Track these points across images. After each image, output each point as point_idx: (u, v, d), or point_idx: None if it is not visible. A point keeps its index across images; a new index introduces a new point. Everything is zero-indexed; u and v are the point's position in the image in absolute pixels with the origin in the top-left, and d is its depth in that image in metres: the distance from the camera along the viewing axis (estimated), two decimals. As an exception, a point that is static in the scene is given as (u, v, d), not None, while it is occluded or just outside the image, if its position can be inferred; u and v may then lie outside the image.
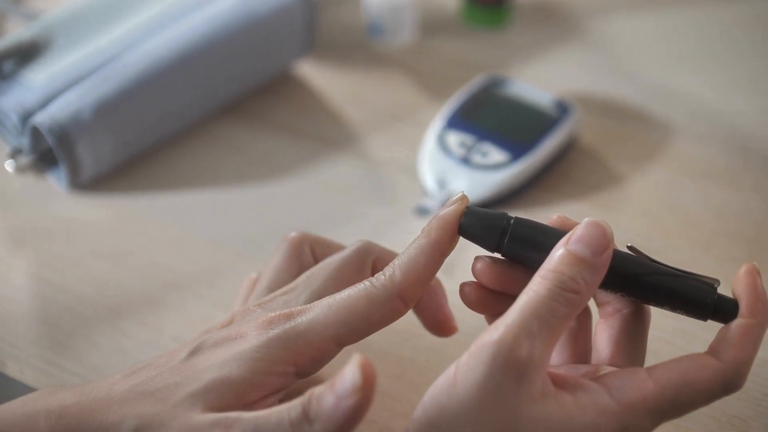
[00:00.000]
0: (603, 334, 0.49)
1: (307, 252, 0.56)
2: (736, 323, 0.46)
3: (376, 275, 0.49)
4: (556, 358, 0.50)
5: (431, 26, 0.87)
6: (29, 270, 0.66)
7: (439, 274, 0.56)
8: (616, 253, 0.47)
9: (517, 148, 0.69)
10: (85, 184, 0.72)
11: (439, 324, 0.56)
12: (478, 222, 0.48)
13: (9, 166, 0.71)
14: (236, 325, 0.50)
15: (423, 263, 0.49)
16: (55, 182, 0.72)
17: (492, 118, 0.72)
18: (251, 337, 0.48)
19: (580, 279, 0.45)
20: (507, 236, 0.48)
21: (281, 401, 0.47)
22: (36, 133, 0.70)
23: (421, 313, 0.56)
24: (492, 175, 0.68)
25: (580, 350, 0.50)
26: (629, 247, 0.49)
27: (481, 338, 0.44)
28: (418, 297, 0.49)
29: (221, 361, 0.48)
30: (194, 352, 0.50)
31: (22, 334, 0.62)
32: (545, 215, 0.62)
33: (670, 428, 0.55)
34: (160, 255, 0.67)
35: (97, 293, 0.64)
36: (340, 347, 0.49)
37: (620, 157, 0.74)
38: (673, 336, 0.61)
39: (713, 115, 0.78)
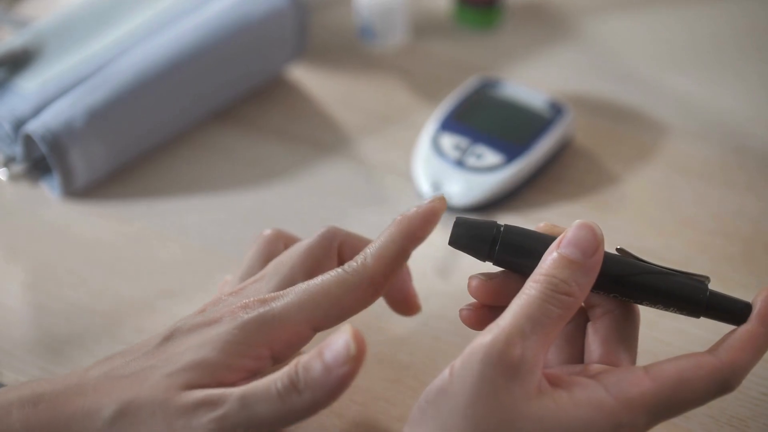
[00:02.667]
0: (594, 335, 0.49)
1: (280, 248, 0.57)
2: (743, 328, 0.47)
3: (348, 262, 0.50)
4: (552, 360, 0.50)
5: (423, 28, 0.87)
6: (24, 278, 0.66)
7: (435, 279, 0.56)
8: (607, 256, 0.48)
9: (511, 150, 0.69)
10: (78, 191, 0.72)
11: (404, 302, 0.58)
12: (468, 232, 0.48)
13: (2, 174, 0.71)
14: (210, 312, 0.50)
15: (394, 251, 0.51)
16: (48, 190, 0.72)
17: (486, 119, 0.72)
18: (226, 321, 0.49)
19: (573, 281, 0.45)
20: (498, 245, 0.48)
21: None
22: (29, 141, 0.69)
23: (386, 293, 0.57)
24: (486, 177, 0.68)
25: (576, 353, 0.50)
26: (618, 250, 0.49)
27: (475, 341, 0.44)
28: (389, 283, 0.51)
29: (197, 344, 0.49)
30: (168, 337, 0.50)
31: (17, 342, 0.62)
32: (540, 217, 0.63)
33: (669, 428, 0.55)
34: (154, 261, 0.67)
35: (91, 300, 0.64)
36: (314, 332, 0.50)
37: (615, 157, 0.74)
38: (671, 336, 0.61)
39: (707, 114, 0.78)
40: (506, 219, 0.69)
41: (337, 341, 0.45)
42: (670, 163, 0.73)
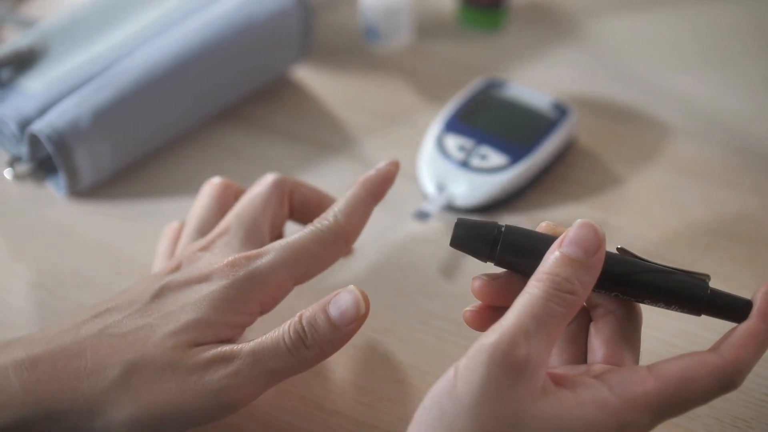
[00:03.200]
0: (597, 335, 0.50)
1: (232, 198, 0.61)
2: (744, 325, 0.47)
3: (320, 219, 0.55)
4: (555, 360, 0.50)
5: (427, 29, 0.87)
6: (29, 277, 0.66)
7: (439, 280, 0.57)
8: (608, 255, 0.48)
9: (516, 151, 0.69)
10: (83, 190, 0.72)
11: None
12: (469, 233, 0.49)
13: (8, 174, 0.71)
14: (193, 269, 0.53)
15: (361, 209, 0.56)
16: (54, 189, 0.72)
17: (490, 120, 0.72)
18: (216, 279, 0.52)
19: (575, 279, 0.46)
20: (499, 245, 0.48)
21: None
22: (34, 141, 0.70)
23: None
24: (491, 178, 0.68)
25: (579, 353, 0.50)
26: (619, 249, 0.50)
27: (480, 341, 0.44)
28: (357, 238, 0.56)
29: (192, 303, 0.51)
30: (158, 294, 0.52)
31: (22, 343, 0.62)
32: (545, 217, 0.63)
33: (673, 429, 0.55)
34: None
35: (96, 299, 0.64)
36: (294, 285, 0.55)
37: (619, 158, 0.74)
38: (675, 338, 0.61)
39: (711, 115, 0.78)
40: (510, 219, 0.69)
41: (345, 300, 0.51)
42: (674, 164, 0.73)
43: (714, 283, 0.49)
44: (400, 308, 0.63)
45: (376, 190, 0.57)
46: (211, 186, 0.62)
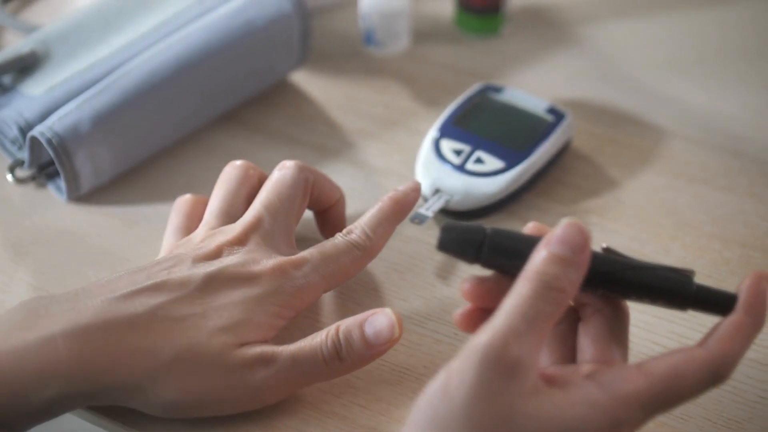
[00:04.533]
0: (585, 334, 0.50)
1: (256, 182, 0.64)
2: (730, 319, 0.48)
3: (352, 235, 0.60)
4: (546, 360, 0.51)
5: (426, 34, 0.88)
6: (30, 280, 0.67)
7: (435, 282, 0.59)
8: (594, 254, 0.49)
9: (512, 155, 0.70)
10: (84, 193, 0.72)
11: (333, 228, 0.66)
12: (456, 236, 0.50)
13: (10, 177, 0.72)
14: (239, 265, 0.57)
15: (388, 229, 0.62)
16: (56, 193, 0.72)
17: (487, 125, 0.73)
18: (265, 283, 0.56)
19: (563, 277, 0.46)
20: (485, 248, 0.49)
21: None
22: (36, 145, 0.70)
23: (324, 220, 0.67)
24: (487, 182, 0.69)
25: (569, 352, 0.51)
26: (605, 249, 0.50)
27: (471, 342, 0.45)
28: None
29: (243, 302, 0.55)
30: (208, 282, 0.56)
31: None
32: (540, 221, 0.63)
33: (665, 430, 0.56)
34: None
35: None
36: (323, 293, 0.60)
37: (614, 162, 0.74)
38: (668, 340, 0.61)
39: (706, 119, 0.79)
40: (506, 223, 0.69)
41: (381, 321, 0.56)
42: (669, 168, 0.74)
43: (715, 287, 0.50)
44: (396, 310, 0.63)
45: (402, 211, 0.63)
46: (235, 168, 0.64)
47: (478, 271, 0.51)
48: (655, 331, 0.62)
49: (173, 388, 0.53)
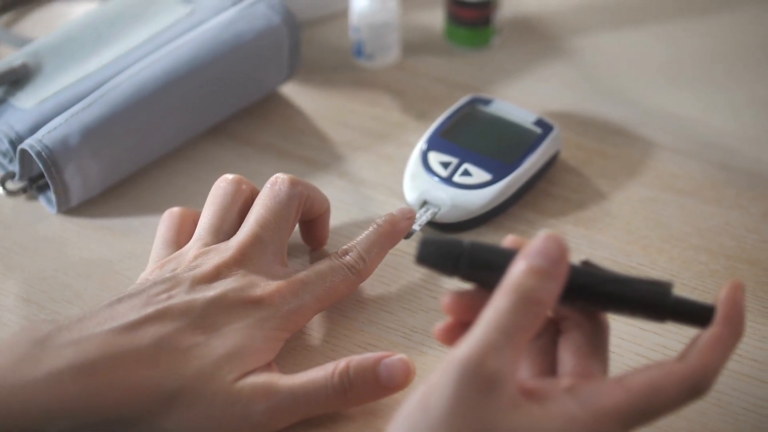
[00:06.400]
0: (565, 348, 0.50)
1: (249, 197, 0.64)
2: (709, 331, 0.48)
3: (347, 257, 0.61)
4: (526, 372, 0.51)
5: (415, 47, 0.88)
6: (18, 291, 0.67)
7: (422, 295, 0.61)
8: (572, 267, 0.49)
9: (499, 168, 0.70)
10: (74, 206, 0.73)
11: (317, 238, 0.67)
12: (435, 250, 0.50)
13: (1, 190, 0.72)
14: (238, 287, 0.57)
15: (381, 255, 0.63)
16: (46, 206, 0.73)
17: (474, 137, 0.73)
18: (266, 307, 0.57)
19: (541, 290, 0.46)
20: (463, 261, 0.49)
21: None
22: (26, 158, 0.70)
23: (309, 229, 0.67)
24: (475, 194, 0.69)
25: (549, 366, 0.51)
26: (583, 261, 0.50)
27: (449, 356, 0.45)
28: None
29: (244, 327, 0.56)
30: (211, 308, 0.56)
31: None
32: (528, 234, 0.64)
33: (649, 443, 0.56)
34: (147, 277, 0.68)
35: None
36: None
37: (602, 174, 0.75)
38: (654, 354, 0.61)
39: (694, 131, 0.79)
40: (493, 236, 0.70)
41: (398, 367, 0.56)
42: (657, 180, 0.74)
43: (695, 299, 0.50)
44: (382, 323, 0.64)
45: (397, 237, 0.64)
46: (227, 182, 0.64)
47: (464, 283, 0.52)
48: (641, 343, 0.62)
49: (176, 418, 0.53)
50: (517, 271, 0.47)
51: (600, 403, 0.46)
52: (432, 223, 0.69)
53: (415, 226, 0.67)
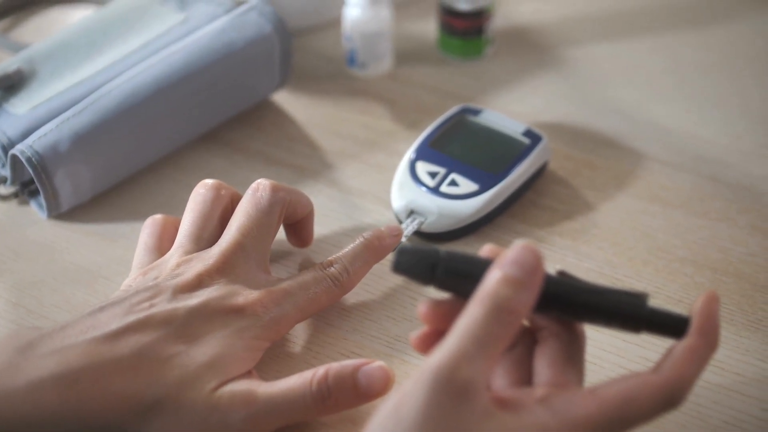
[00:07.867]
0: (541, 357, 0.50)
1: (229, 203, 0.64)
2: (683, 343, 0.48)
3: (331, 269, 0.62)
4: (502, 382, 0.51)
5: (408, 56, 0.88)
6: (8, 296, 0.67)
7: (405, 302, 0.63)
8: (549, 277, 0.49)
9: (486, 178, 0.70)
10: (65, 211, 0.73)
11: (301, 240, 0.68)
12: (411, 259, 0.50)
13: (-8, 194, 0.73)
14: (219, 296, 0.57)
15: (365, 269, 0.64)
16: (37, 211, 0.73)
17: (463, 147, 0.73)
18: (248, 316, 0.57)
19: (515, 299, 0.47)
20: (439, 270, 0.49)
21: None
22: (17, 163, 0.71)
23: (294, 231, 0.67)
24: (461, 204, 0.69)
25: (524, 375, 0.51)
26: (559, 271, 0.51)
27: (423, 364, 0.45)
28: None
29: (225, 336, 0.56)
30: (193, 317, 0.56)
31: None
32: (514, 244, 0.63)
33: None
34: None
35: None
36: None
37: (590, 185, 0.75)
38: (636, 365, 0.61)
39: (683, 143, 0.79)
40: (479, 246, 0.70)
41: (377, 375, 0.55)
42: (644, 192, 0.74)
43: (680, 311, 0.51)
44: (366, 331, 0.64)
45: (383, 252, 0.64)
46: (207, 188, 0.64)
47: (441, 292, 0.52)
48: (624, 356, 0.62)
49: (159, 426, 0.53)
50: (491, 280, 0.47)
51: (572, 413, 0.46)
52: (419, 233, 0.69)
53: (402, 237, 0.67)
